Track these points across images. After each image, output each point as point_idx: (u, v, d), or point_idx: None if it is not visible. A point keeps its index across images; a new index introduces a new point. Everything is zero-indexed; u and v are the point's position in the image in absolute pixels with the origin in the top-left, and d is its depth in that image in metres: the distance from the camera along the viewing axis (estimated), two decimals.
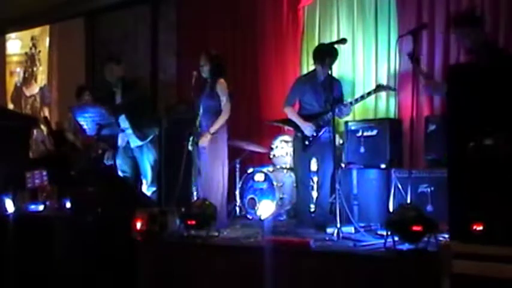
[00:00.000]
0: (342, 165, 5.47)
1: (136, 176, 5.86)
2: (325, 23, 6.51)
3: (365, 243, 3.99)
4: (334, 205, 4.60)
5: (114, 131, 5.63)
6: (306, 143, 5.20)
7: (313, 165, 5.37)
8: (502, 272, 2.90)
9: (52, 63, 9.65)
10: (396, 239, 3.64)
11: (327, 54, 5.03)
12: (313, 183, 5.49)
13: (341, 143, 5.68)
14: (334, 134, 4.77)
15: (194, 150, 5.21)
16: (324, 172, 5.17)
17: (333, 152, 4.73)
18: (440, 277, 3.06)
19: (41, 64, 9.89)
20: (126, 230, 4.55)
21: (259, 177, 5.98)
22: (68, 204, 5.61)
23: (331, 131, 4.76)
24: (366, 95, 5.31)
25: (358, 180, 5.36)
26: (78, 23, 9.07)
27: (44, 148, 7.35)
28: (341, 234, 4.25)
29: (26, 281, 5.16)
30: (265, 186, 5.92)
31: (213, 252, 4.23)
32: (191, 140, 5.23)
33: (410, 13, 5.74)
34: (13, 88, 10.33)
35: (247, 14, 7.09)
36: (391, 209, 4.74)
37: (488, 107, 3.25)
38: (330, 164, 5.01)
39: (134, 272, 4.48)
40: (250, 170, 6.14)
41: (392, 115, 5.81)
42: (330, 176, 5.13)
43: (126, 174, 5.80)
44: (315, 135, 5.17)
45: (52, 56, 9.66)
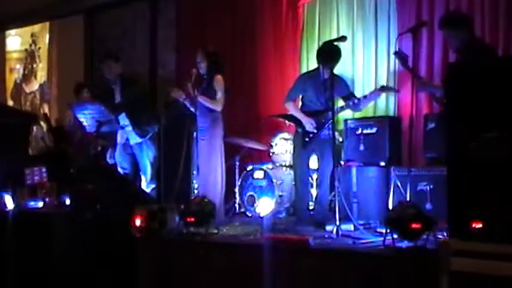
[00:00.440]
0: (341, 162, 5.47)
1: (135, 173, 5.86)
2: (325, 21, 6.50)
3: (364, 241, 3.99)
4: (334, 203, 4.60)
5: (113, 127, 5.64)
6: (306, 139, 5.20)
7: (313, 163, 5.36)
8: (501, 270, 2.90)
9: (52, 60, 9.64)
10: (395, 236, 3.64)
11: (332, 56, 5.01)
12: (312, 181, 5.48)
13: (340, 140, 5.68)
14: (334, 131, 4.77)
15: (193, 146, 5.22)
16: (324, 170, 5.17)
17: (332, 150, 4.74)
18: (439, 275, 3.06)
19: (40, 61, 9.88)
20: (125, 227, 4.56)
21: (259, 174, 5.98)
22: (67, 201, 5.61)
23: (331, 129, 4.76)
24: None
25: (357, 178, 5.36)
26: (77, 20, 9.07)
27: (44, 145, 7.34)
28: (340, 232, 4.25)
29: (25, 277, 5.16)
30: (264, 183, 5.92)
31: (212, 249, 4.23)
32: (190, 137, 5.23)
33: (410, 11, 5.74)
34: (13, 85, 10.31)
35: (246, 11, 7.08)
36: (390, 206, 4.74)
37: (488, 106, 3.26)
38: (330, 162, 5.01)
39: (133, 269, 4.48)
40: (250, 167, 6.14)
41: (391, 113, 5.82)
42: (330, 174, 5.13)
43: (125, 171, 5.81)
44: (315, 132, 5.17)
45: (52, 53, 9.65)
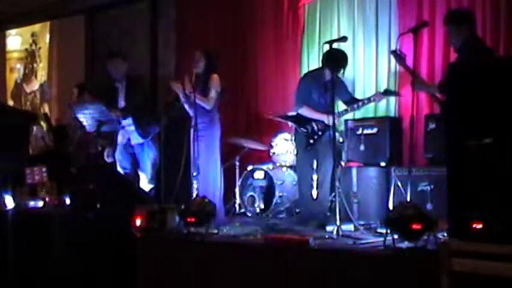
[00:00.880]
0: (342, 163, 5.47)
1: (136, 173, 5.86)
2: (326, 21, 6.50)
3: (364, 241, 3.98)
4: (334, 203, 4.59)
5: (113, 127, 5.63)
6: (311, 141, 5.18)
7: (314, 163, 5.37)
8: (501, 270, 2.89)
9: (52, 60, 9.64)
10: (396, 237, 3.63)
11: (341, 63, 5.09)
12: (313, 181, 5.48)
13: (341, 141, 5.67)
14: (335, 132, 4.76)
15: (193, 146, 5.20)
16: (324, 170, 5.16)
17: (333, 150, 4.73)
18: (440, 275, 3.05)
19: (41, 60, 9.87)
20: (126, 226, 4.56)
21: (259, 174, 5.98)
22: (68, 200, 5.62)
23: (332, 130, 4.75)
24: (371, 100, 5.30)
25: (357, 178, 5.35)
26: (78, 20, 9.07)
27: (44, 144, 7.35)
28: (340, 232, 4.23)
29: (25, 277, 5.17)
30: (265, 183, 5.92)
31: (212, 249, 4.23)
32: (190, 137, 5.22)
33: (411, 11, 5.74)
34: (13, 84, 10.31)
35: (247, 12, 7.07)
36: (391, 207, 4.73)
37: (488, 105, 3.25)
38: (330, 162, 5.01)
39: (133, 269, 4.48)
40: (250, 167, 6.14)
41: (392, 113, 5.82)
42: (330, 174, 5.13)
43: (126, 170, 5.80)
44: (320, 134, 5.15)
45: (52, 53, 9.65)
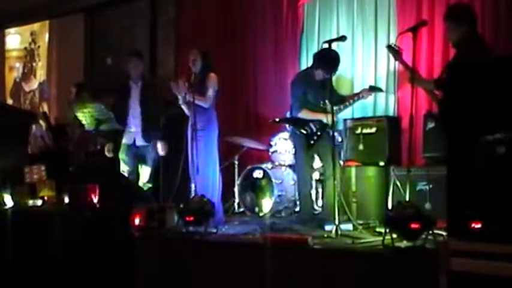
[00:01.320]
0: (341, 162, 5.47)
1: (137, 172, 5.85)
2: (325, 21, 6.49)
3: (363, 241, 3.99)
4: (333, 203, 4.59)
5: (112, 126, 5.62)
6: (311, 142, 5.17)
7: (315, 164, 5.38)
8: (500, 270, 2.90)
9: (51, 59, 9.63)
10: (394, 236, 3.64)
11: (333, 64, 5.02)
12: (313, 181, 5.48)
13: (340, 140, 5.67)
14: (334, 131, 4.76)
15: (191, 145, 5.20)
16: (324, 170, 5.16)
17: (332, 150, 4.73)
18: (438, 274, 3.06)
19: (40, 59, 9.87)
20: (125, 225, 4.56)
21: (258, 174, 5.97)
22: (66, 199, 5.62)
23: (331, 129, 4.75)
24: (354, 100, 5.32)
25: (356, 177, 5.36)
26: (77, 19, 9.07)
27: (43, 143, 7.35)
28: (339, 232, 4.24)
29: (25, 275, 5.17)
30: (264, 183, 5.92)
31: (211, 248, 4.23)
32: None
33: (410, 10, 5.74)
34: (12, 83, 10.31)
35: (246, 11, 7.07)
36: (390, 206, 4.74)
37: (488, 105, 3.25)
38: (329, 162, 5.00)
39: (132, 268, 4.48)
40: (249, 166, 6.14)
41: (391, 113, 5.81)
42: (329, 174, 5.12)
43: (129, 169, 5.78)
44: (319, 134, 5.14)
45: (51, 51, 9.64)
